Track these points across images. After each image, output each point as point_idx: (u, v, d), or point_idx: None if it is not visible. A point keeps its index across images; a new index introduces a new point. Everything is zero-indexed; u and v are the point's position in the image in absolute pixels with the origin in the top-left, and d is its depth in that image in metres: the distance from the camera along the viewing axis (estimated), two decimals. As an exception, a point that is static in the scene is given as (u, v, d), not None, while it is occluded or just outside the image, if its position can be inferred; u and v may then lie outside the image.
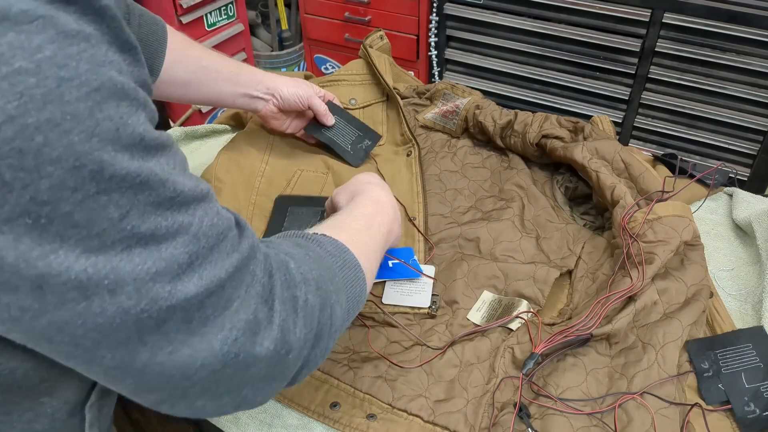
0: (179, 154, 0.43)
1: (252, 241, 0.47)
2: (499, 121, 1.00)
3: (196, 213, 0.41)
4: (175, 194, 0.40)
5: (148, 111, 0.40)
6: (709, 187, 0.95)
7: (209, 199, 0.44)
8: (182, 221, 0.40)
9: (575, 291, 0.82)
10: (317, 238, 0.57)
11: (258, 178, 0.96)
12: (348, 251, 0.58)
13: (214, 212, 0.43)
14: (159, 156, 0.40)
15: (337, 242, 0.58)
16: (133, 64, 0.40)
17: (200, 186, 0.43)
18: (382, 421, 0.67)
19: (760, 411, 0.66)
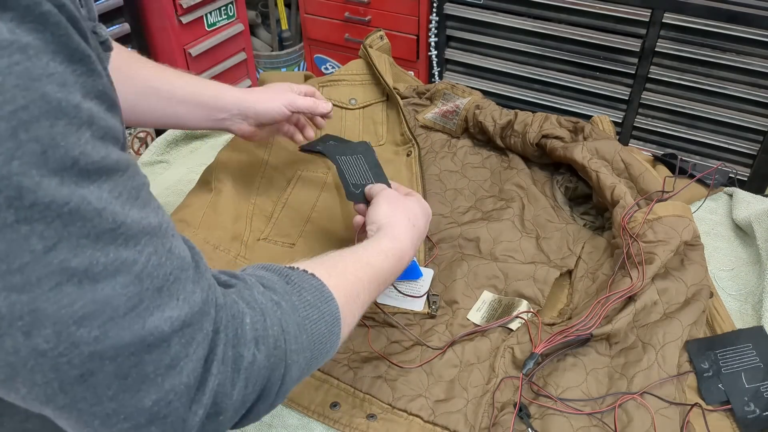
0: (134, 180, 0.38)
1: (208, 290, 0.42)
2: (499, 121, 1.00)
3: (144, 249, 0.37)
4: (115, 226, 0.36)
5: (97, 129, 0.36)
6: (709, 187, 0.95)
7: (162, 234, 0.39)
8: (125, 258, 0.36)
9: (575, 291, 0.82)
10: (300, 282, 0.51)
11: (258, 178, 0.96)
12: (331, 302, 0.52)
13: (165, 249, 0.39)
14: (100, 182, 0.35)
15: (322, 290, 0.52)
16: (86, 74, 0.36)
17: (151, 218, 0.39)
18: (382, 421, 0.67)
19: (760, 411, 0.66)
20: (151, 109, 0.81)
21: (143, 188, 0.39)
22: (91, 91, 0.36)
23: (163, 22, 1.99)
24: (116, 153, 0.37)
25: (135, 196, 0.38)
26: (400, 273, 0.67)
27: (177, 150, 1.14)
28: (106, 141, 0.37)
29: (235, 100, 0.83)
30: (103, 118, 0.37)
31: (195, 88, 0.82)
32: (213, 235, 0.83)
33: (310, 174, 0.99)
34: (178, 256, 0.40)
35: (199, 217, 0.88)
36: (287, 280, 0.51)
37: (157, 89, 0.80)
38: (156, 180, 1.08)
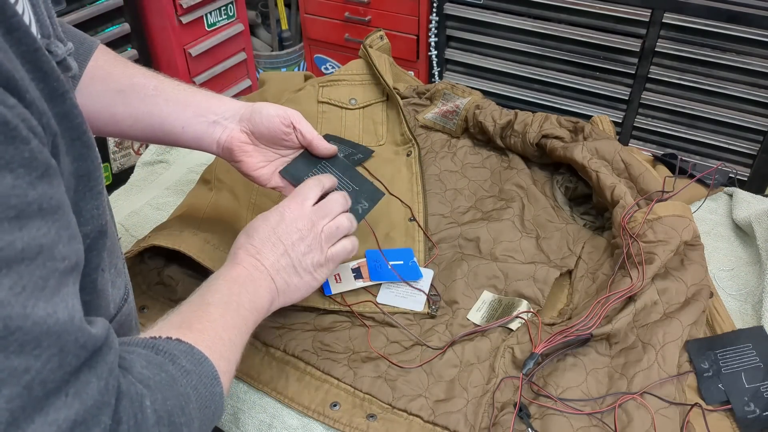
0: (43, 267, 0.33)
1: (108, 377, 0.37)
2: (499, 121, 1.00)
3: (43, 354, 0.32)
4: (8, 332, 0.31)
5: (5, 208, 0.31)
6: (709, 187, 0.95)
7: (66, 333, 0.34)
8: (16, 367, 0.31)
9: (575, 291, 0.82)
10: (170, 350, 0.47)
11: (258, 178, 0.96)
12: (204, 361, 0.49)
13: (70, 347, 0.34)
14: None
15: (192, 351, 0.48)
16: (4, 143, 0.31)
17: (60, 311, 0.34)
18: (382, 421, 0.67)
19: (760, 411, 0.66)
20: (132, 111, 0.71)
21: (53, 275, 0.34)
22: (11, 162, 0.32)
23: (163, 22, 1.99)
24: (29, 234, 0.32)
25: (42, 287, 0.33)
26: (249, 291, 0.61)
27: (177, 150, 1.14)
28: (22, 219, 0.32)
29: (233, 103, 0.75)
30: (20, 194, 0.32)
31: (188, 89, 0.74)
32: (213, 236, 0.83)
33: (310, 174, 0.99)
34: (90, 347, 0.36)
35: (199, 217, 0.88)
36: (156, 351, 0.46)
37: (142, 86, 0.71)
38: (156, 180, 1.08)
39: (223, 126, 0.73)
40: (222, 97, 0.75)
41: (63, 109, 0.39)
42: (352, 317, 0.79)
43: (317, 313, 0.80)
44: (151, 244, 0.78)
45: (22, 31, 0.34)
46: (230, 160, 0.75)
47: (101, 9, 1.83)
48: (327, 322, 0.78)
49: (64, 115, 0.39)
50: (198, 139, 0.73)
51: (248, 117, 0.73)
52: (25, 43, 0.35)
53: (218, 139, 0.73)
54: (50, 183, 0.34)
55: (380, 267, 0.82)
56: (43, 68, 0.37)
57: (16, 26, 0.34)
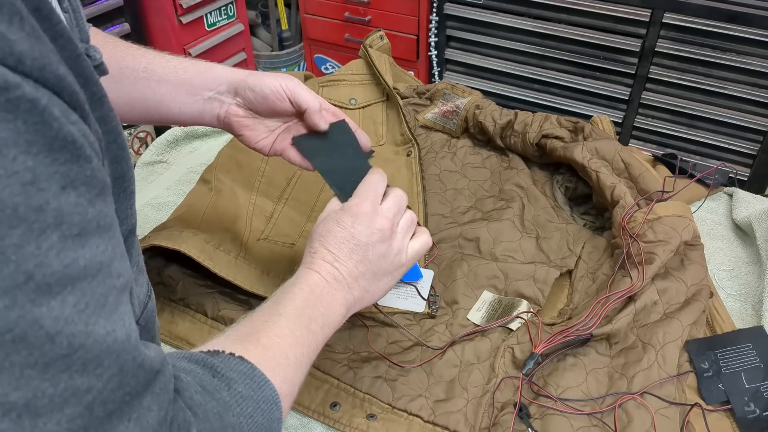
0: (104, 284, 0.33)
1: (167, 406, 0.37)
2: (499, 121, 1.00)
3: (105, 373, 0.33)
4: (71, 351, 0.31)
5: (70, 226, 0.31)
6: (709, 187, 0.95)
7: (125, 352, 0.34)
8: (78, 386, 0.31)
9: (575, 291, 0.82)
10: (228, 373, 0.45)
11: (258, 178, 0.96)
12: (265, 385, 0.47)
13: (135, 364, 0.35)
14: (64, 294, 0.31)
15: (253, 374, 0.47)
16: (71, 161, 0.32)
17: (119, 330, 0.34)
18: (382, 421, 0.67)
19: (760, 411, 0.66)
20: (125, 96, 0.68)
21: (112, 292, 0.35)
22: (75, 179, 0.32)
23: (163, 22, 1.99)
24: (90, 252, 0.33)
25: (102, 304, 0.33)
26: (323, 304, 0.58)
27: (177, 150, 1.14)
28: (84, 236, 0.32)
29: (225, 72, 0.70)
30: (81, 212, 0.32)
31: (178, 65, 0.70)
32: (213, 236, 0.83)
33: (309, 174, 0.99)
34: (147, 368, 0.36)
35: (199, 217, 0.88)
36: (213, 373, 0.45)
37: (132, 69, 0.68)
38: (156, 180, 1.08)
39: (220, 101, 0.70)
40: (214, 67, 0.71)
41: (102, 112, 0.39)
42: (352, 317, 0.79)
43: (317, 313, 0.80)
44: (151, 245, 0.78)
45: (66, 38, 0.34)
46: (232, 133, 0.73)
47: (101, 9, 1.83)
48: (327, 322, 0.78)
49: (102, 119, 0.39)
50: (197, 118, 0.71)
51: (242, 93, 0.70)
52: (68, 49, 0.35)
53: (218, 115, 0.71)
54: (105, 201, 0.35)
55: None
56: (85, 74, 0.37)
57: (61, 33, 0.34)
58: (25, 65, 0.30)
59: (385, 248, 0.61)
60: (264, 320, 0.53)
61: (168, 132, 1.15)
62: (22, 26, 0.30)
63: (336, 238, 0.60)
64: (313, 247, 0.60)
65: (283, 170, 0.99)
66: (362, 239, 0.60)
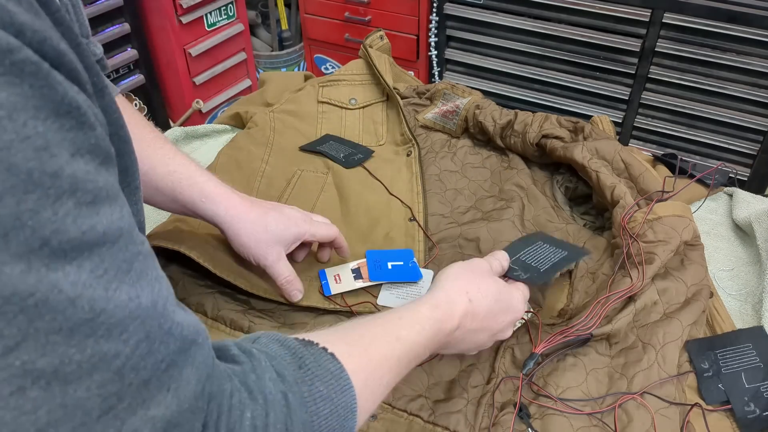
0: (126, 250, 0.33)
1: (206, 377, 0.37)
2: (499, 121, 1.00)
3: (132, 338, 0.32)
4: (93, 315, 0.30)
5: (84, 194, 0.31)
6: (709, 187, 0.95)
7: (158, 314, 0.34)
8: (105, 351, 0.31)
9: (575, 291, 0.82)
10: (315, 369, 0.45)
11: (258, 179, 0.96)
12: (348, 391, 0.45)
13: (163, 331, 0.34)
14: (80, 260, 0.30)
15: (341, 376, 0.45)
16: (76, 128, 0.31)
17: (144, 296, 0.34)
18: (382, 421, 0.67)
19: (760, 411, 0.66)
20: (146, 192, 0.73)
21: (137, 258, 0.34)
22: (82, 147, 0.32)
23: (163, 22, 2.00)
24: (106, 219, 0.32)
25: (126, 270, 0.33)
26: (438, 348, 0.60)
27: (177, 150, 1.14)
28: (97, 204, 0.32)
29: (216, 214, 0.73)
30: (92, 179, 0.32)
31: (177, 183, 0.73)
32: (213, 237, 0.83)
33: (309, 174, 0.99)
34: (178, 336, 0.35)
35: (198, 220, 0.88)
36: (300, 364, 0.44)
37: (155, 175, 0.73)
38: (156, 180, 1.08)
39: None
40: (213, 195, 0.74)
41: (104, 103, 0.39)
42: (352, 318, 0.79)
43: (317, 313, 0.80)
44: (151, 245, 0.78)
45: (65, 26, 0.34)
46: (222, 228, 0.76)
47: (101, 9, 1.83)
48: (327, 322, 0.78)
49: (105, 109, 0.38)
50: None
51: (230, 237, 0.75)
52: (68, 37, 0.34)
53: None
54: (109, 171, 0.34)
55: (380, 267, 0.82)
56: (86, 62, 0.36)
57: (61, 21, 0.34)
58: (25, 36, 0.29)
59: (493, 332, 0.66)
60: (381, 333, 0.53)
61: (168, 132, 1.15)
62: (19, 1, 0.30)
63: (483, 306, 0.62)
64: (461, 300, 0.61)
65: (283, 171, 0.99)
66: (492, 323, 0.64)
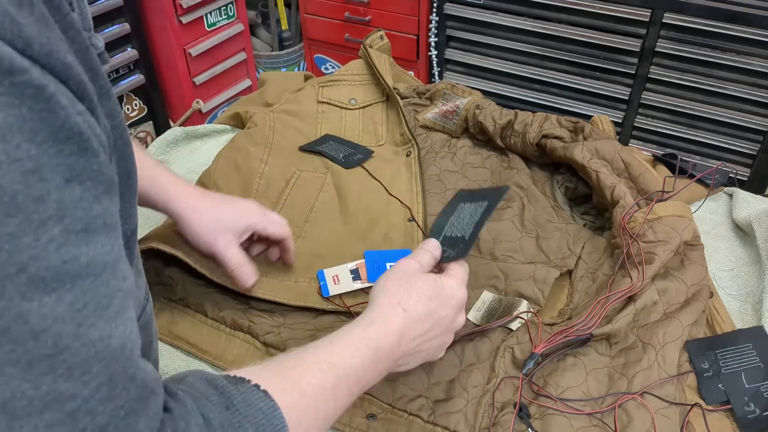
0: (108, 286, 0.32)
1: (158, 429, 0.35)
2: (499, 121, 1.00)
3: (93, 380, 0.31)
4: (56, 351, 0.29)
5: (73, 221, 0.30)
6: (709, 187, 0.95)
7: (126, 357, 0.33)
8: (61, 391, 0.30)
9: (575, 291, 0.82)
10: (244, 410, 0.42)
11: (257, 179, 0.96)
12: (281, 430, 0.43)
13: (126, 376, 0.33)
14: (60, 291, 0.30)
15: (272, 416, 0.43)
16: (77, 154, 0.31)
17: (116, 337, 0.32)
18: (382, 421, 0.67)
19: (760, 411, 0.66)
20: None
21: (117, 294, 0.33)
22: (81, 174, 0.31)
23: (163, 22, 1.99)
24: (94, 250, 0.32)
25: (105, 306, 0.32)
26: (390, 366, 0.57)
27: (177, 150, 1.14)
28: (89, 233, 0.31)
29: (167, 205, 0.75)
30: (86, 207, 0.31)
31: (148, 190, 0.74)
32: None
33: (309, 174, 0.99)
34: (140, 383, 0.34)
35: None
36: (228, 404, 0.42)
37: None
38: (156, 180, 1.08)
39: None
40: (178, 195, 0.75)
41: (109, 107, 0.38)
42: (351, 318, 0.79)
43: (316, 313, 0.80)
44: (149, 246, 0.78)
45: (75, 29, 0.34)
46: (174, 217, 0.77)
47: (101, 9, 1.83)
48: (327, 322, 0.78)
49: (110, 114, 0.38)
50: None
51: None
52: (78, 41, 0.34)
53: None
54: (111, 199, 0.34)
55: (378, 268, 0.82)
56: (93, 66, 0.36)
57: (71, 24, 0.34)
58: (33, 49, 0.29)
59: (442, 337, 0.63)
60: (313, 362, 0.50)
61: (168, 132, 1.15)
62: (31, 11, 0.30)
63: (419, 311, 0.59)
64: (395, 301, 0.59)
65: (282, 171, 0.99)
66: (444, 324, 0.61)
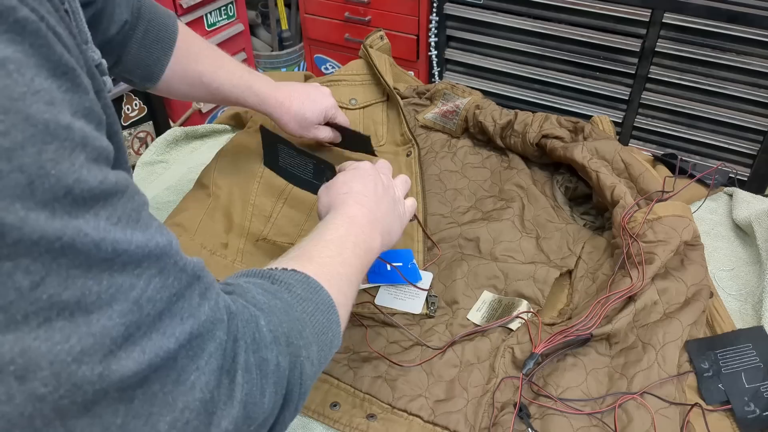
0: (134, 201, 0.35)
1: (216, 299, 0.40)
2: (499, 121, 1.00)
3: (144, 273, 0.34)
4: (115, 255, 0.33)
5: (91, 150, 0.33)
6: (709, 187, 0.95)
7: (171, 253, 0.37)
8: (121, 284, 0.33)
9: (575, 291, 0.82)
10: (286, 279, 0.50)
11: (257, 179, 0.96)
12: (321, 290, 0.51)
13: (176, 268, 0.37)
14: (96, 209, 0.32)
15: (308, 280, 0.51)
16: (72, 90, 0.33)
17: (158, 238, 0.36)
18: (382, 421, 0.67)
19: (760, 411, 0.66)
20: (205, 99, 0.90)
21: (143, 208, 0.37)
22: (79, 109, 0.33)
23: (163, 22, 1.99)
24: (113, 174, 0.34)
25: (136, 219, 0.35)
26: (363, 235, 0.64)
27: (177, 150, 1.14)
28: (100, 163, 0.33)
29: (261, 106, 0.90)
30: (95, 138, 0.33)
31: (241, 91, 0.87)
32: (210, 241, 0.83)
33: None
34: (187, 272, 0.38)
35: (196, 222, 0.88)
36: (272, 280, 0.50)
37: (207, 85, 0.85)
38: (156, 180, 1.08)
39: None
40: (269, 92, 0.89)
41: (103, 103, 0.39)
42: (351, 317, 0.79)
43: (317, 313, 0.79)
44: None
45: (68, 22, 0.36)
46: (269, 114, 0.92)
47: (101, 9, 1.83)
48: (327, 322, 0.78)
49: (103, 110, 0.39)
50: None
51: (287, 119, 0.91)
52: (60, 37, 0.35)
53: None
54: (103, 135, 0.35)
55: (379, 269, 0.82)
56: (87, 63, 0.38)
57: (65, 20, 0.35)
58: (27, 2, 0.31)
59: (390, 197, 0.72)
60: (313, 245, 0.58)
61: (168, 132, 1.15)
62: None
63: (356, 185, 0.69)
64: (339, 193, 0.68)
65: (283, 170, 0.98)
66: (379, 190, 0.70)
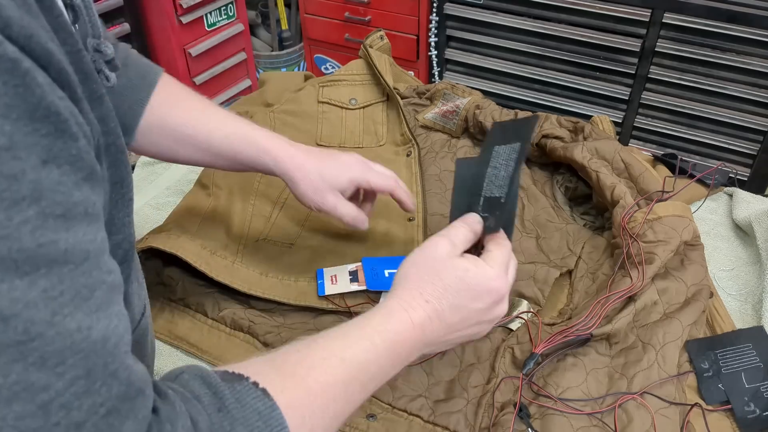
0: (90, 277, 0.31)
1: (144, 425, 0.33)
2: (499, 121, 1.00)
3: (68, 372, 0.29)
4: (27, 339, 0.28)
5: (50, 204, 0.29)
6: (709, 187, 0.95)
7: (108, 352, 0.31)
8: (32, 382, 0.28)
9: (575, 291, 0.82)
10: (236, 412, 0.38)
11: (257, 179, 0.96)
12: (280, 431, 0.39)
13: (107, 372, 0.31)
14: (34, 276, 0.28)
15: (268, 417, 0.39)
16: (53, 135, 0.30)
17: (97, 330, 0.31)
18: (382, 421, 0.67)
19: (760, 411, 0.66)
20: (194, 157, 0.72)
21: (101, 287, 0.32)
22: (58, 156, 0.30)
23: (163, 22, 1.99)
24: (74, 237, 0.30)
25: (85, 297, 0.30)
26: (402, 365, 0.51)
27: (177, 150, 1.14)
28: (69, 220, 0.30)
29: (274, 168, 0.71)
30: (65, 192, 0.30)
31: (233, 142, 0.70)
32: (209, 243, 0.83)
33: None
34: (123, 380, 0.32)
35: (196, 223, 0.88)
36: (220, 406, 0.38)
37: (192, 137, 0.70)
38: (156, 180, 1.08)
39: None
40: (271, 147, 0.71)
41: (101, 112, 0.38)
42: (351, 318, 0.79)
43: (316, 313, 0.80)
44: (149, 246, 0.78)
45: (67, 31, 0.34)
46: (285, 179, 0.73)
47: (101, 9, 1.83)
48: (327, 322, 0.78)
49: (102, 119, 0.38)
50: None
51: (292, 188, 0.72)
52: (69, 43, 0.34)
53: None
54: (93, 189, 0.32)
55: (377, 275, 0.81)
56: (84, 69, 0.36)
57: (63, 26, 0.34)
58: (11, 30, 0.28)
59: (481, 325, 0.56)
60: (322, 357, 0.45)
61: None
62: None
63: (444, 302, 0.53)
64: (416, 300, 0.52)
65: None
66: (476, 317, 0.55)
